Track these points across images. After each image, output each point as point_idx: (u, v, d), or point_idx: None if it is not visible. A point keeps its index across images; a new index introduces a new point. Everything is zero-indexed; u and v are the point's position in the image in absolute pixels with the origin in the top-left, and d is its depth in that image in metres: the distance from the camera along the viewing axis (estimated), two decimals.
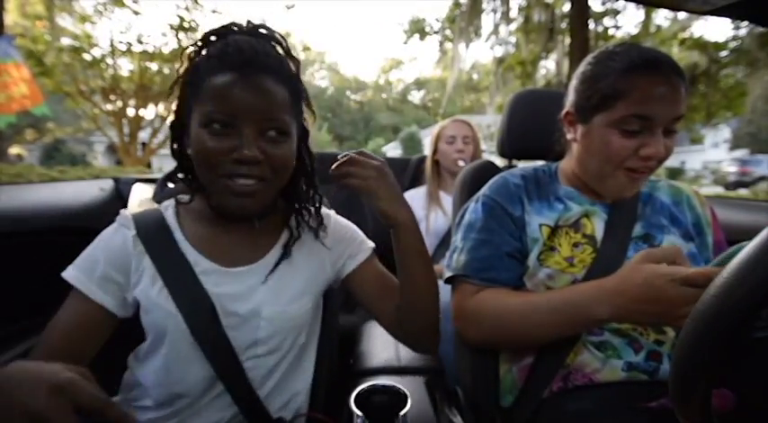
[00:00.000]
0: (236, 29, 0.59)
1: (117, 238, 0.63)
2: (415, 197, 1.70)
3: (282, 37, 0.61)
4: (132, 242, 0.62)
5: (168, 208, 0.67)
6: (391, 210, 0.61)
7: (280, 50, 0.60)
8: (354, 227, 0.77)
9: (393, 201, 0.61)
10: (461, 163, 1.60)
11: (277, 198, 0.67)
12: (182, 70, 0.60)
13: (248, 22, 0.60)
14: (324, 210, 0.72)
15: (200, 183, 0.62)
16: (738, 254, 0.34)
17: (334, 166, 0.61)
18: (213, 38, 0.58)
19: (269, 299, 0.64)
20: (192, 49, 0.60)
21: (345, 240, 0.73)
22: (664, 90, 0.63)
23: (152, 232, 0.63)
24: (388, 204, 0.61)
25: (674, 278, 0.52)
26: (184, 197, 0.66)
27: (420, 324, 0.68)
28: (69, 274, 0.60)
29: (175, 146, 0.64)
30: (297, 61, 0.61)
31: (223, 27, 0.59)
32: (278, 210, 0.70)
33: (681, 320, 0.51)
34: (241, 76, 0.54)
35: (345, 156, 0.61)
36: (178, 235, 0.64)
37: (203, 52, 0.58)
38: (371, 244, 0.76)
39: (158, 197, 0.84)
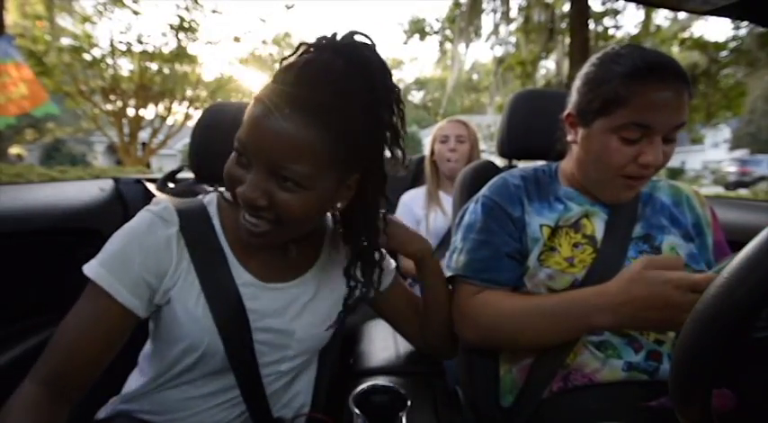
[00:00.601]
0: (325, 43, 0.50)
1: (156, 236, 0.55)
2: (415, 197, 1.70)
3: (374, 63, 0.51)
4: (175, 241, 0.56)
5: (211, 204, 0.62)
6: (415, 249, 0.72)
7: (347, 74, 0.49)
8: None
9: (414, 242, 0.72)
10: (451, 155, 1.60)
11: (312, 229, 0.62)
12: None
13: (350, 33, 0.51)
14: None
15: None
16: (738, 254, 0.34)
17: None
18: (303, 49, 0.51)
19: (303, 319, 0.64)
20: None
21: None
22: (665, 98, 0.61)
23: (197, 233, 0.57)
24: (414, 246, 0.72)
25: (680, 284, 0.52)
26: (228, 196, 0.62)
27: (444, 334, 0.76)
28: (94, 271, 0.52)
29: None
30: (378, 92, 0.51)
31: (319, 38, 0.51)
32: (315, 232, 0.67)
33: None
34: (266, 113, 0.47)
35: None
36: (223, 240, 0.59)
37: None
38: (394, 263, 0.78)
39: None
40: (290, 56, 0.51)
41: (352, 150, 0.51)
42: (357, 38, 0.51)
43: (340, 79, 0.48)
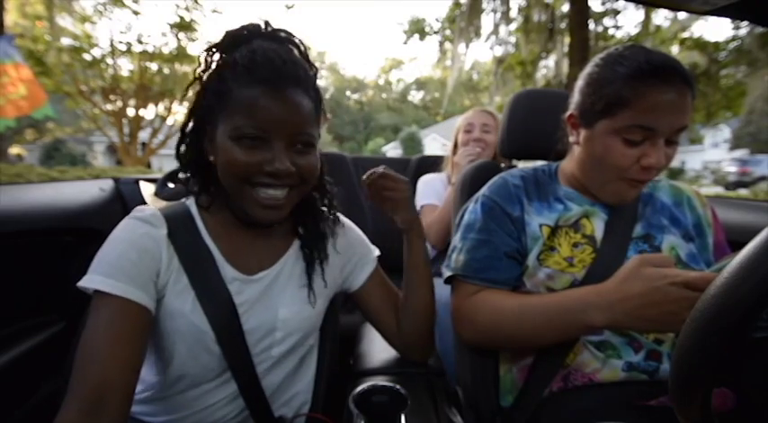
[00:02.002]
0: (255, 31, 0.58)
1: (146, 238, 0.57)
2: (435, 180, 1.62)
3: (301, 42, 0.61)
4: (165, 243, 0.58)
5: (192, 206, 0.64)
6: (411, 217, 0.73)
7: (296, 54, 0.60)
8: (361, 233, 0.79)
9: (412, 210, 0.73)
10: (475, 145, 1.50)
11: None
12: (203, 73, 0.59)
13: (266, 23, 0.59)
14: (339, 216, 0.74)
15: (223, 190, 0.60)
16: (738, 254, 0.34)
17: (368, 180, 0.69)
18: (237, 43, 0.57)
19: (285, 298, 0.65)
20: (212, 52, 0.58)
21: (354, 246, 0.75)
22: (669, 100, 0.61)
23: (183, 234, 0.60)
24: (409, 213, 0.73)
25: (677, 281, 0.52)
26: (204, 201, 0.64)
27: (419, 328, 0.75)
28: (102, 283, 0.52)
29: (182, 149, 0.62)
30: (315, 68, 0.62)
31: (243, 29, 0.58)
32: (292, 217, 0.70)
33: (682, 322, 0.51)
34: (271, 89, 0.54)
35: (374, 172, 0.69)
36: (207, 240, 0.62)
37: (229, 59, 0.56)
38: (376, 252, 0.79)
39: (160, 196, 0.84)
40: (225, 50, 0.58)
41: (318, 106, 0.61)
42: (268, 24, 0.60)
43: (293, 56, 0.58)
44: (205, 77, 0.59)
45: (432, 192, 1.59)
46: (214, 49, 0.58)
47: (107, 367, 0.49)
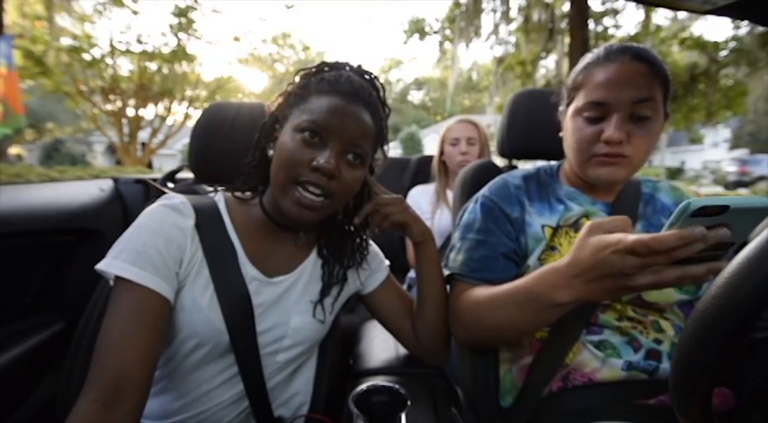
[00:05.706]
0: (346, 64, 0.65)
1: (175, 226, 0.57)
2: (424, 193, 1.68)
3: (383, 85, 0.67)
4: (191, 233, 0.58)
5: (220, 202, 0.66)
6: (420, 232, 0.73)
7: (374, 92, 0.65)
8: (374, 245, 0.80)
9: (419, 223, 0.73)
10: (462, 158, 1.57)
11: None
12: (289, 85, 0.65)
13: (359, 65, 0.66)
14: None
15: (267, 184, 0.63)
16: (739, 254, 0.34)
17: (363, 216, 0.70)
18: (327, 68, 0.64)
19: (299, 308, 0.66)
20: (304, 71, 0.65)
21: (369, 259, 0.76)
22: (616, 75, 0.65)
23: (210, 227, 0.61)
24: (417, 228, 0.72)
25: (618, 248, 0.49)
26: (244, 194, 0.66)
27: (435, 334, 0.75)
28: (127, 270, 0.52)
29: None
30: (388, 109, 0.68)
31: (338, 63, 0.65)
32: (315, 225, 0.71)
33: (638, 290, 0.50)
34: (343, 99, 0.59)
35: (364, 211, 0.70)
36: (233, 236, 0.62)
37: (317, 75, 0.63)
38: (387, 261, 0.80)
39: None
40: (315, 71, 0.64)
41: (380, 139, 0.65)
42: (360, 66, 0.67)
43: (371, 89, 0.64)
44: (290, 86, 0.64)
45: (416, 210, 1.62)
46: (307, 71, 0.64)
47: (126, 360, 0.49)
